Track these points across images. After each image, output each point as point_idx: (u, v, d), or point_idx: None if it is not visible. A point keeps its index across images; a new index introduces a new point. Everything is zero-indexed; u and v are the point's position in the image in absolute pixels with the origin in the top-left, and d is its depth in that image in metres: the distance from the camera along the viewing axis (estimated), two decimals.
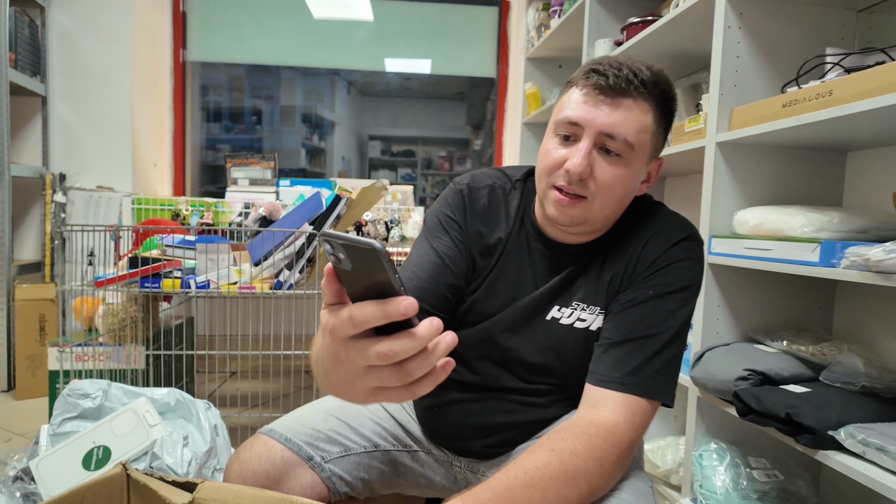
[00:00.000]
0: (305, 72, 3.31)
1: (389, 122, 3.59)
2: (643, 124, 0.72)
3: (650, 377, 0.71)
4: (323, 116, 3.50)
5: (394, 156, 3.67)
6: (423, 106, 3.50)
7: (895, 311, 1.15)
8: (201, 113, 3.18)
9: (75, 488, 0.67)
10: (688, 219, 0.81)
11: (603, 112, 0.71)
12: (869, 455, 0.85)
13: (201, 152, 3.19)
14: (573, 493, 0.62)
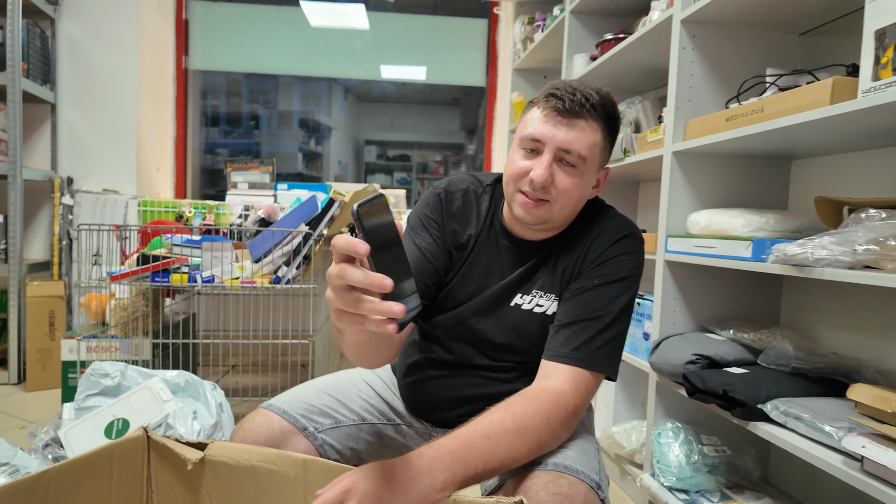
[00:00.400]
0: (303, 78, 3.43)
1: (386, 127, 3.69)
2: (594, 141, 0.85)
3: (593, 353, 0.84)
4: (320, 121, 3.61)
5: (390, 160, 3.78)
6: (418, 111, 3.61)
7: (829, 304, 1.28)
8: (201, 118, 3.30)
9: (105, 445, 0.80)
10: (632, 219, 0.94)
11: (561, 131, 0.84)
12: (790, 424, 0.98)
13: (201, 156, 3.32)
14: (523, 444, 0.74)
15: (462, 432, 0.74)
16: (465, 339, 0.97)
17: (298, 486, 0.79)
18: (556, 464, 0.76)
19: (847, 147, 1.21)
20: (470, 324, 0.95)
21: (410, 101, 3.59)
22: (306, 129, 3.59)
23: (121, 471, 0.82)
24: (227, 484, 0.82)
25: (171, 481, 0.84)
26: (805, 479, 1.32)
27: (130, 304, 1.67)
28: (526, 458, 0.76)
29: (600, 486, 0.77)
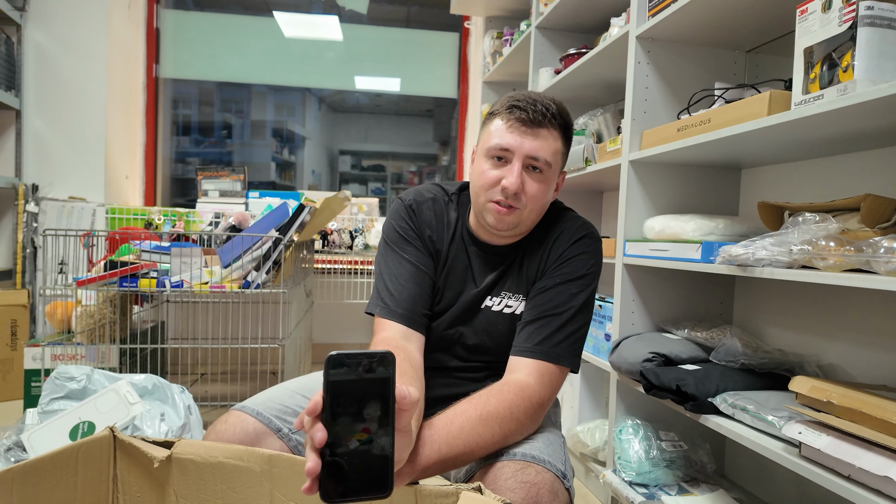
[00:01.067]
0: (277, 88, 3.44)
1: (360, 138, 3.71)
2: (556, 148, 0.90)
3: (555, 346, 0.89)
4: (294, 131, 3.62)
5: (364, 170, 3.80)
6: (392, 122, 3.65)
7: (774, 304, 1.35)
8: (172, 126, 3.28)
9: (71, 444, 0.81)
10: (596, 226, 1.00)
11: (527, 140, 0.89)
12: (737, 415, 1.04)
13: (171, 165, 3.29)
14: (487, 431, 0.78)
15: (426, 421, 0.77)
16: (440, 347, 1.00)
17: (265, 480, 0.81)
18: (523, 454, 0.80)
19: (789, 157, 1.29)
20: (447, 333, 0.99)
21: (384, 112, 3.63)
22: (280, 138, 3.59)
23: (86, 470, 0.82)
24: (193, 481, 0.83)
25: (138, 480, 0.85)
26: (756, 471, 1.38)
27: (97, 311, 1.66)
28: (492, 446, 0.79)
29: (565, 476, 0.80)
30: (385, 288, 0.96)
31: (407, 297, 0.94)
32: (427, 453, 0.72)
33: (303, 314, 2.05)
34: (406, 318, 0.93)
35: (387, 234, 1.01)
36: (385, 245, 1.01)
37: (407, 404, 0.54)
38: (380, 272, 0.99)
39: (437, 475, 0.81)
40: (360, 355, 0.51)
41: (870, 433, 0.79)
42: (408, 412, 0.57)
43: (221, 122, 3.47)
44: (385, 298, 0.95)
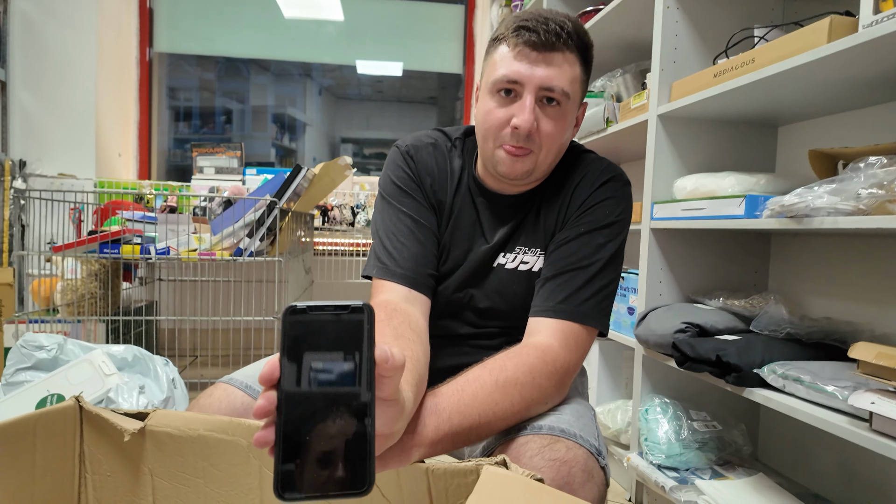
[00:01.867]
0: (277, 73, 3.33)
1: (362, 125, 3.61)
2: (574, 75, 0.77)
3: (581, 304, 0.76)
4: (295, 117, 3.51)
5: (366, 158, 3.70)
6: (395, 109, 3.54)
7: (818, 271, 1.23)
8: (171, 112, 3.16)
9: (26, 415, 0.69)
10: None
11: (539, 68, 0.75)
12: (788, 388, 0.92)
13: (170, 152, 3.17)
14: (505, 399, 0.66)
15: (429, 391, 0.65)
16: (448, 313, 0.88)
17: (253, 456, 0.70)
18: (550, 427, 0.68)
19: (836, 106, 1.16)
20: (455, 297, 0.87)
21: (386, 98, 3.52)
22: (280, 125, 3.48)
23: (47, 445, 0.71)
24: (170, 457, 0.72)
25: (108, 457, 0.74)
26: (794, 455, 1.27)
27: (82, 285, 1.55)
28: (511, 417, 0.67)
29: (600, 453, 0.68)
30: (383, 247, 0.83)
31: (408, 255, 0.81)
32: (436, 424, 0.59)
33: (301, 291, 1.93)
34: (408, 278, 0.80)
35: (383, 186, 0.88)
36: (381, 200, 0.88)
37: (388, 369, 0.41)
38: (376, 230, 0.86)
39: (449, 453, 0.69)
40: (327, 307, 0.38)
41: None
42: (390, 378, 0.42)
43: (222, 108, 3.35)
44: (383, 258, 0.82)
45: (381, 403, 0.43)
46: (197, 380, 1.41)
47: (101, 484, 0.74)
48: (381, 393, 0.42)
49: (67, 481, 0.73)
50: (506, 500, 0.52)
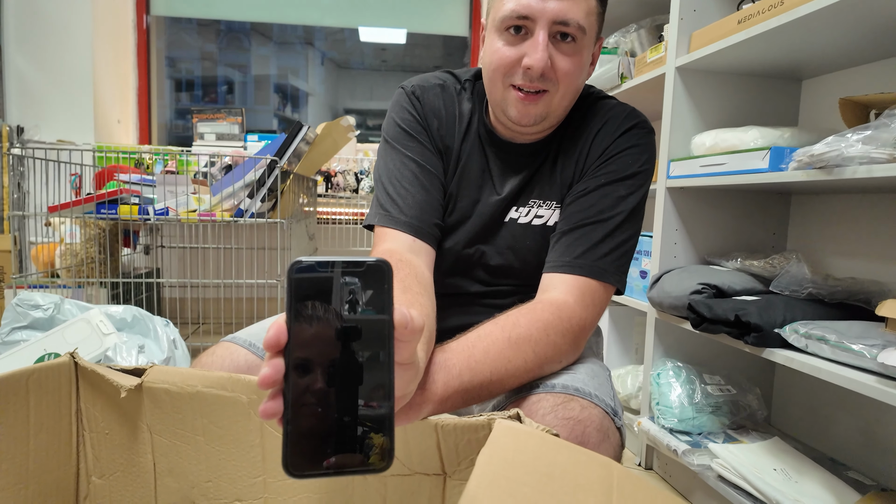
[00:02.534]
0: (279, 42, 3.24)
1: (365, 96, 3.53)
2: (589, 6, 0.71)
3: (599, 259, 0.72)
4: (298, 87, 3.43)
5: (369, 129, 3.63)
6: (398, 79, 3.45)
7: (839, 230, 1.18)
8: (171, 83, 3.09)
9: (19, 370, 0.66)
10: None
11: (552, 0, 0.69)
12: (811, 347, 0.88)
13: (170, 125, 3.10)
14: (518, 356, 0.62)
15: (437, 347, 0.61)
16: (458, 271, 0.84)
17: (253, 413, 0.67)
18: (564, 386, 0.64)
19: (863, 55, 1.10)
20: (465, 253, 0.83)
21: (390, 68, 3.43)
22: (283, 95, 3.41)
23: (41, 402, 0.68)
24: (168, 414, 0.69)
25: (105, 414, 0.71)
26: (810, 420, 1.24)
27: (82, 250, 1.52)
28: (524, 374, 0.63)
29: (616, 413, 0.65)
30: (386, 194, 0.78)
31: (413, 203, 0.77)
32: (445, 380, 0.55)
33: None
34: (413, 227, 0.76)
35: (386, 130, 0.83)
36: (385, 144, 0.83)
37: (408, 333, 0.37)
38: (379, 177, 0.81)
39: (458, 410, 0.66)
40: (339, 263, 0.34)
41: None
42: (409, 343, 0.38)
43: (223, 78, 3.27)
44: (386, 205, 0.77)
45: (397, 367, 0.39)
46: (199, 343, 1.39)
47: (99, 441, 0.72)
48: (399, 357, 0.38)
49: (64, 438, 0.71)
50: (520, 453, 0.48)
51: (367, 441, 0.34)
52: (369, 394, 0.34)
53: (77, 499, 0.73)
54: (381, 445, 0.34)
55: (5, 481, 0.64)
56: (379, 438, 0.34)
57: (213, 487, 0.69)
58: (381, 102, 3.50)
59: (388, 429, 0.34)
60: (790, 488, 0.96)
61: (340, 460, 0.34)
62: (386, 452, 0.34)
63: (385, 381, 0.35)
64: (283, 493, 0.68)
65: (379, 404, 0.35)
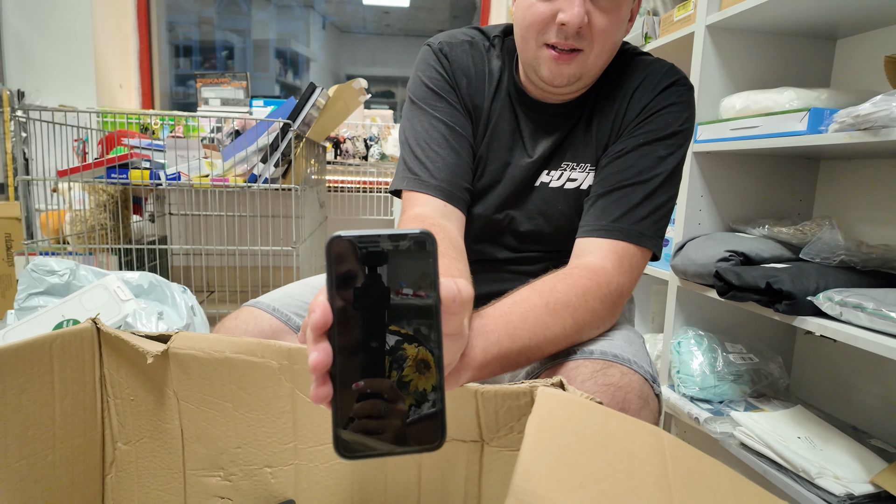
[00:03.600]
0: (279, 5, 3.14)
1: (367, 61, 3.44)
2: None
3: (637, 223, 0.70)
4: (298, 52, 3.35)
5: (373, 96, 3.55)
6: (401, 44, 3.36)
7: (870, 197, 1.15)
8: (170, 48, 3.01)
9: (42, 335, 0.65)
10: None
11: None
12: (846, 315, 0.86)
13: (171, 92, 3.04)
14: (556, 322, 0.60)
15: (476, 311, 0.59)
16: (486, 237, 0.82)
17: (284, 379, 0.66)
18: (602, 352, 0.63)
19: None
20: (494, 219, 0.80)
21: (393, 32, 3.33)
22: (283, 61, 3.32)
23: (65, 367, 0.67)
24: (196, 380, 0.68)
25: (130, 380, 0.70)
26: (832, 390, 1.23)
27: (91, 216, 1.49)
28: (562, 340, 0.62)
29: (655, 379, 0.64)
30: (414, 157, 0.75)
31: (443, 165, 0.74)
32: (484, 346, 0.53)
33: (316, 226, 1.87)
34: (444, 191, 0.73)
35: (413, 90, 0.79)
36: (411, 105, 0.79)
37: (457, 306, 0.35)
38: (405, 139, 0.78)
39: (496, 376, 0.65)
40: (382, 237, 0.32)
41: None
42: (458, 315, 0.37)
43: (223, 43, 3.19)
44: (415, 169, 0.74)
45: (445, 339, 0.37)
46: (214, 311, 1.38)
47: (125, 408, 0.71)
48: (447, 329, 0.36)
49: (89, 404, 0.70)
50: (569, 421, 0.47)
51: (419, 419, 0.33)
52: (419, 371, 0.33)
53: (104, 464, 0.72)
54: (433, 423, 0.33)
55: (33, 447, 0.63)
56: (431, 416, 0.33)
57: (242, 454, 0.69)
58: (383, 68, 3.41)
59: (440, 404, 0.33)
60: (815, 456, 0.95)
61: (392, 440, 0.33)
62: (438, 428, 0.33)
63: (434, 355, 0.33)
64: (315, 459, 0.67)
65: (428, 381, 0.33)
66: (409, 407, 0.33)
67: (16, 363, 0.62)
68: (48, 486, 0.65)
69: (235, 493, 0.70)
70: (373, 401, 0.32)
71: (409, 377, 0.33)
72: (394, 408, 0.33)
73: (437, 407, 0.33)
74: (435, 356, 0.33)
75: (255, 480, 0.69)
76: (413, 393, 0.33)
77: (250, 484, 0.69)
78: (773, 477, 0.97)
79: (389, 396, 0.33)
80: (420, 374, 0.33)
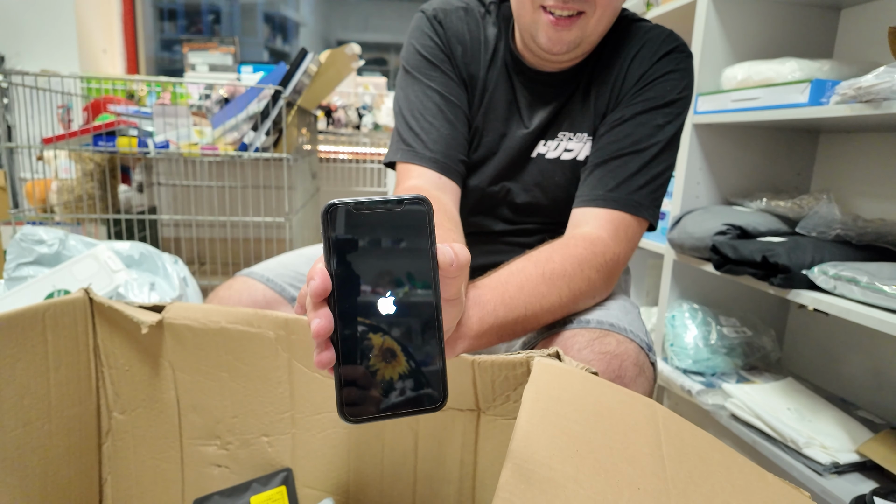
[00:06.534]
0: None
1: (359, 26, 3.35)
2: None
3: (634, 192, 0.69)
4: (287, 16, 3.25)
5: (365, 63, 3.47)
6: (395, 8, 3.27)
7: (868, 170, 1.15)
8: (154, 11, 2.91)
9: (32, 305, 0.63)
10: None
11: None
12: (839, 289, 0.87)
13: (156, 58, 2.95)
14: (552, 291, 0.60)
15: (472, 282, 0.59)
16: (482, 209, 0.81)
17: (281, 349, 0.65)
18: (599, 321, 0.63)
19: None
20: (490, 191, 0.79)
21: None
22: (272, 26, 3.22)
23: (58, 338, 0.66)
24: (191, 351, 0.67)
25: (124, 351, 0.69)
26: (822, 363, 1.25)
27: (77, 186, 1.46)
28: (558, 309, 0.62)
29: (650, 348, 0.64)
30: (408, 128, 0.74)
31: (438, 137, 0.73)
32: (480, 316, 0.53)
33: (308, 197, 1.85)
34: (439, 163, 0.72)
35: (406, 58, 0.77)
36: (405, 74, 0.77)
37: (455, 269, 0.35)
38: (399, 110, 0.77)
39: (493, 346, 0.65)
40: (377, 203, 0.32)
41: None
42: (455, 279, 0.37)
43: (208, 5, 3.08)
44: (409, 140, 0.73)
45: (444, 304, 0.37)
46: (207, 282, 1.36)
47: (119, 378, 0.70)
48: (446, 293, 0.37)
49: (83, 374, 0.69)
50: (565, 391, 0.47)
51: (420, 380, 0.33)
52: (419, 333, 0.33)
53: (100, 433, 0.72)
54: (436, 384, 0.34)
55: (28, 415, 0.63)
56: (433, 377, 0.34)
57: (239, 423, 0.68)
58: (375, 34, 3.33)
59: (441, 366, 0.34)
60: (804, 426, 0.97)
61: (394, 402, 0.33)
62: (440, 389, 0.34)
63: (433, 318, 0.33)
64: (311, 428, 0.67)
65: (428, 342, 0.34)
66: (411, 369, 0.33)
67: (8, 333, 0.61)
68: (45, 455, 0.65)
69: (232, 462, 0.70)
70: (375, 364, 0.33)
71: (409, 340, 0.33)
72: (396, 371, 0.33)
73: (439, 366, 0.33)
74: (434, 318, 0.33)
75: (253, 449, 0.69)
76: (414, 355, 0.33)
77: (247, 453, 0.70)
78: (763, 447, 0.99)
79: (391, 360, 0.33)
80: (420, 336, 0.33)
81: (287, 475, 0.67)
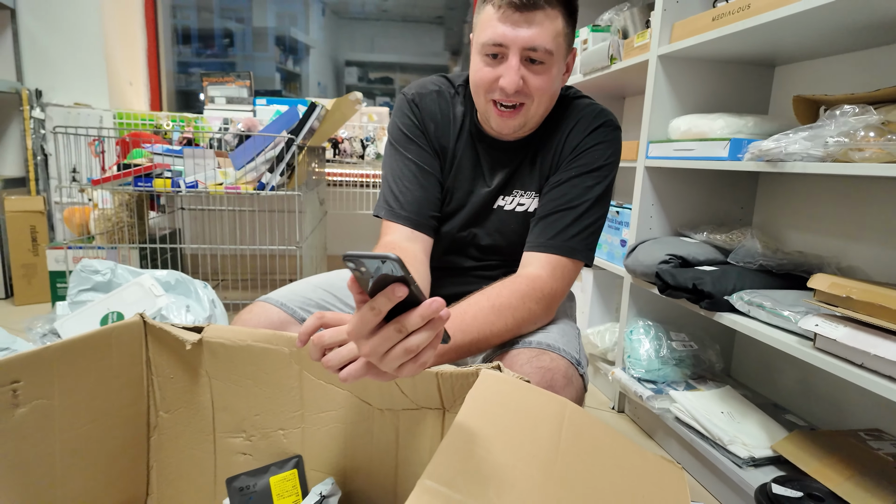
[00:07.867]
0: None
1: (366, 47, 3.52)
2: (556, 30, 0.82)
3: (568, 240, 0.88)
4: (297, 38, 3.45)
5: (371, 83, 3.64)
6: (400, 30, 3.44)
7: (798, 206, 1.33)
8: (172, 34, 3.13)
9: (103, 328, 0.83)
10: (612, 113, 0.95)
11: (522, 29, 0.80)
12: (752, 312, 1.05)
13: (174, 76, 3.17)
14: (499, 320, 0.79)
15: None
16: (454, 250, 1.00)
17: (293, 361, 0.84)
18: (538, 342, 0.81)
19: (829, 48, 1.21)
20: (460, 235, 0.98)
21: (391, 17, 3.43)
22: (282, 47, 3.42)
23: (120, 353, 0.85)
24: (224, 363, 0.87)
25: (170, 363, 0.89)
26: (762, 371, 1.42)
27: (114, 214, 1.67)
28: (505, 334, 0.80)
29: (580, 363, 0.82)
30: (390, 191, 0.94)
31: (412, 199, 0.92)
32: None
33: (317, 222, 2.05)
34: (411, 220, 0.92)
35: (391, 133, 0.98)
36: (390, 146, 0.98)
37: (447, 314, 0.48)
38: (385, 175, 0.97)
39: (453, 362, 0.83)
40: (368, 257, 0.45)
41: (889, 324, 0.79)
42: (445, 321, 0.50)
43: (222, 29, 3.29)
44: (390, 201, 0.93)
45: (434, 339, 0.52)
46: (229, 301, 1.56)
47: (166, 384, 0.89)
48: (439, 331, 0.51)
49: (137, 381, 0.88)
50: (498, 395, 0.66)
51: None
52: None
53: (149, 428, 0.91)
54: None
55: (96, 414, 0.82)
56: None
57: (260, 420, 0.88)
58: (381, 54, 3.50)
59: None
60: (732, 427, 1.15)
61: None
62: None
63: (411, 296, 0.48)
64: (317, 424, 0.87)
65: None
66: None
67: (83, 350, 0.80)
68: (107, 445, 0.84)
69: (255, 451, 0.89)
70: None
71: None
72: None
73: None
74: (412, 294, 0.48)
75: (271, 440, 0.88)
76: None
77: (266, 443, 0.89)
78: (698, 444, 1.17)
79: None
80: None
81: (298, 460, 0.86)
